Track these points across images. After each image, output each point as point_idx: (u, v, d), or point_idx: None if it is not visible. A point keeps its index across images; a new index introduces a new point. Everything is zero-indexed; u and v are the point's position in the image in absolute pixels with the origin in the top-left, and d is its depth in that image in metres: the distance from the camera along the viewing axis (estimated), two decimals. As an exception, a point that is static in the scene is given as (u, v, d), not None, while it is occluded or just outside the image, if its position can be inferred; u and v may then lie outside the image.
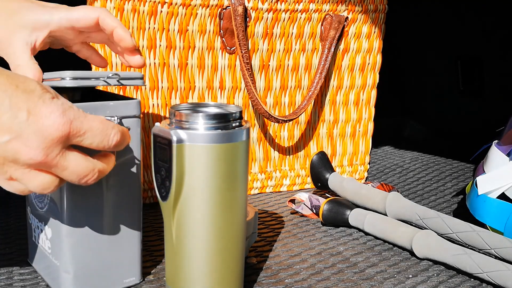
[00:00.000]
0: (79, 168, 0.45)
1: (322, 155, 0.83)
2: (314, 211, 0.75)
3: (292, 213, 0.80)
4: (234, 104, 0.78)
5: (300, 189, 0.92)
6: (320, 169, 0.83)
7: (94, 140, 0.45)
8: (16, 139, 0.42)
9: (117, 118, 0.53)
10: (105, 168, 0.47)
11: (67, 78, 0.51)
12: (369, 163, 0.97)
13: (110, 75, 0.53)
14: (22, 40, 0.53)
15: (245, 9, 0.80)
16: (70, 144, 0.44)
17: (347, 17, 0.87)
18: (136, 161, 0.56)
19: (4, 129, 0.41)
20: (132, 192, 0.56)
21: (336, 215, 0.74)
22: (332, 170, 0.83)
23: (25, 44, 0.53)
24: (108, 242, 0.55)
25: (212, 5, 0.79)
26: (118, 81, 0.53)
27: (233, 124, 0.50)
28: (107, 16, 0.55)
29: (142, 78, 0.55)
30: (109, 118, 0.52)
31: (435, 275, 0.62)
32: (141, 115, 0.79)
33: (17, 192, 0.45)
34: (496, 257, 0.62)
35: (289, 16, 0.83)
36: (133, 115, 0.54)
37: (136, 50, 0.58)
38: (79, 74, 0.51)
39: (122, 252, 0.56)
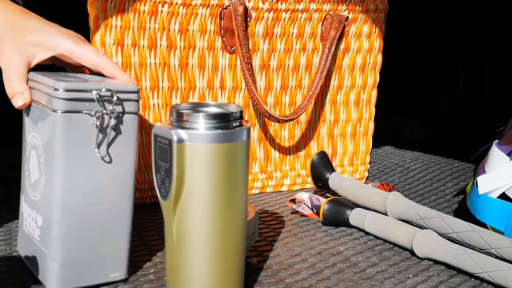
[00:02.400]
0: None
1: (322, 155, 0.83)
2: (315, 210, 0.75)
3: (292, 213, 0.80)
4: (234, 104, 0.78)
5: (300, 189, 0.92)
6: (321, 168, 0.83)
7: None
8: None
9: (115, 113, 0.54)
10: None
11: (61, 90, 0.52)
12: (369, 163, 0.97)
13: (104, 90, 0.53)
14: (25, 59, 0.57)
15: (246, 9, 0.80)
16: None
17: (347, 17, 0.87)
18: (131, 161, 0.56)
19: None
20: (124, 191, 0.56)
21: (337, 215, 0.74)
22: (332, 169, 0.83)
23: (25, 64, 0.57)
24: (98, 234, 0.56)
25: (213, 5, 0.78)
26: (112, 96, 0.54)
27: (234, 124, 0.50)
28: (107, 66, 0.59)
29: (137, 92, 0.56)
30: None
31: (436, 274, 0.62)
32: (141, 114, 0.79)
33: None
34: (496, 257, 0.62)
35: (290, 16, 0.83)
36: (131, 111, 0.55)
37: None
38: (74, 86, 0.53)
39: (110, 245, 0.57)
